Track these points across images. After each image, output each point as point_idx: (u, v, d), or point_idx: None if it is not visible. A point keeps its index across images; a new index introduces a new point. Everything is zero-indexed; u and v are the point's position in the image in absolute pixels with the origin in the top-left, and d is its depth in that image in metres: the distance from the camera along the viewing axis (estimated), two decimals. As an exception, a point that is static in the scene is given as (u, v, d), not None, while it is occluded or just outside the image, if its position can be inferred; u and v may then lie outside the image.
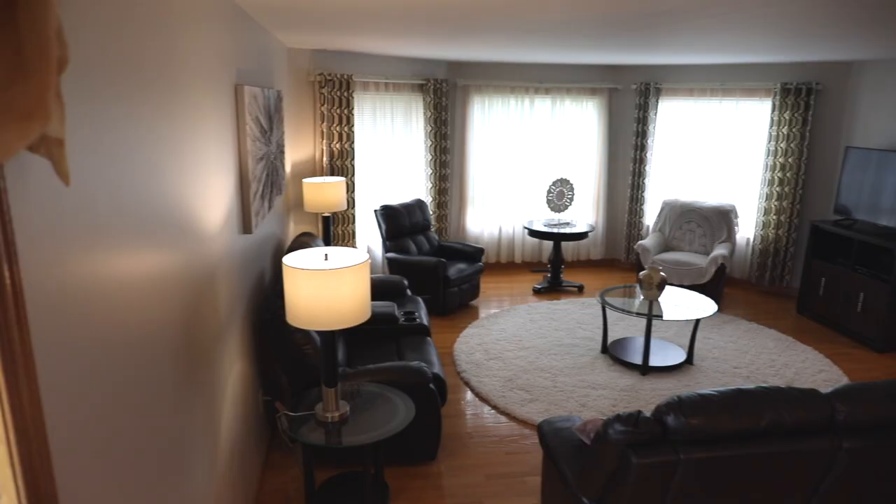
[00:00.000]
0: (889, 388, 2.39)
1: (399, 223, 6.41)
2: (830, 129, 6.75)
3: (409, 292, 5.38)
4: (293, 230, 6.02)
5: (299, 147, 6.11)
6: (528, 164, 7.81)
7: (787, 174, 6.83)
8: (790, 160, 6.80)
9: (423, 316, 4.81)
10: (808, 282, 6.42)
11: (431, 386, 3.61)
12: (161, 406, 1.78)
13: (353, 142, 6.21)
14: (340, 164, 6.21)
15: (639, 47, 5.17)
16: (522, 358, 5.28)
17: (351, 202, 6.35)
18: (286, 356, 3.36)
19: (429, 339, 4.51)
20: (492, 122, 7.65)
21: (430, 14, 3.40)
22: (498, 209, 7.88)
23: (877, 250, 5.79)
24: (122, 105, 1.48)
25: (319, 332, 2.86)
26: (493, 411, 4.49)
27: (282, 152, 4.60)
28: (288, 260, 2.66)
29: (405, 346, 4.33)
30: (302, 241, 4.35)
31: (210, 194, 2.44)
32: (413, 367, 3.58)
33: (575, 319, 6.20)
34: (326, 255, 2.75)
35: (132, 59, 1.56)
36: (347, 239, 6.39)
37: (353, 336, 4.45)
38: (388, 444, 3.64)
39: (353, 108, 6.12)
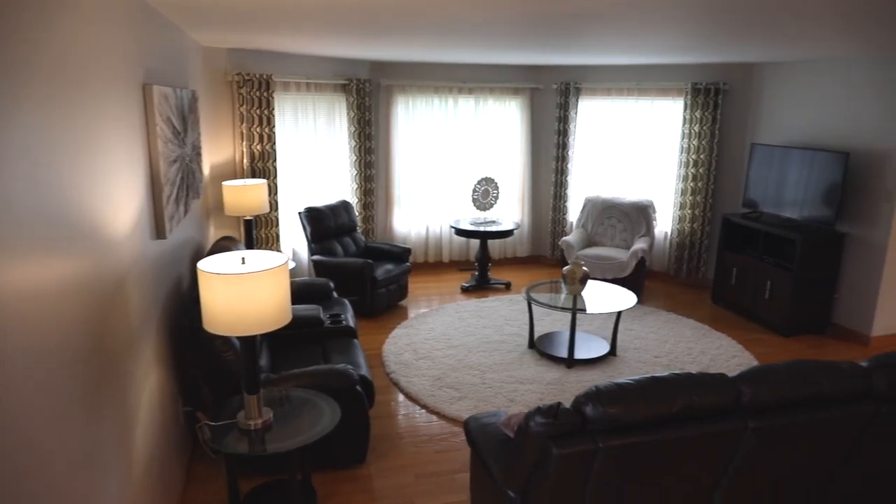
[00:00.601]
0: (789, 369, 2.54)
1: (324, 225, 6.32)
2: (737, 126, 7.11)
3: (335, 295, 5.31)
4: (213, 235, 5.85)
5: (218, 149, 5.94)
6: (454, 164, 7.86)
7: (700, 170, 7.15)
8: (702, 157, 7.12)
9: (349, 318, 4.76)
10: (721, 272, 6.74)
11: (358, 388, 3.58)
12: (68, 416, 1.69)
13: (274, 143, 6.08)
14: (262, 165, 6.07)
15: (558, 48, 5.29)
16: (451, 356, 5.31)
17: (274, 205, 6.22)
18: (206, 364, 3.26)
19: (355, 341, 4.47)
20: (416, 121, 7.66)
21: (348, 14, 3.37)
22: (424, 209, 7.90)
23: (781, 241, 6.13)
24: (8, 106, 1.40)
25: (239, 338, 2.79)
26: (422, 411, 4.49)
27: (198, 154, 4.45)
28: (203, 265, 2.58)
29: (331, 350, 4.28)
30: (222, 246, 4.23)
31: (116, 198, 2.33)
32: (339, 369, 3.53)
33: (503, 316, 6.28)
34: (244, 258, 2.68)
35: (19, 57, 1.47)
36: (271, 242, 6.26)
37: (276, 341, 4.36)
38: (315, 449, 3.58)
39: (273, 109, 5.99)
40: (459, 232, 7.13)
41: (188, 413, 3.66)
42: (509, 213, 8.22)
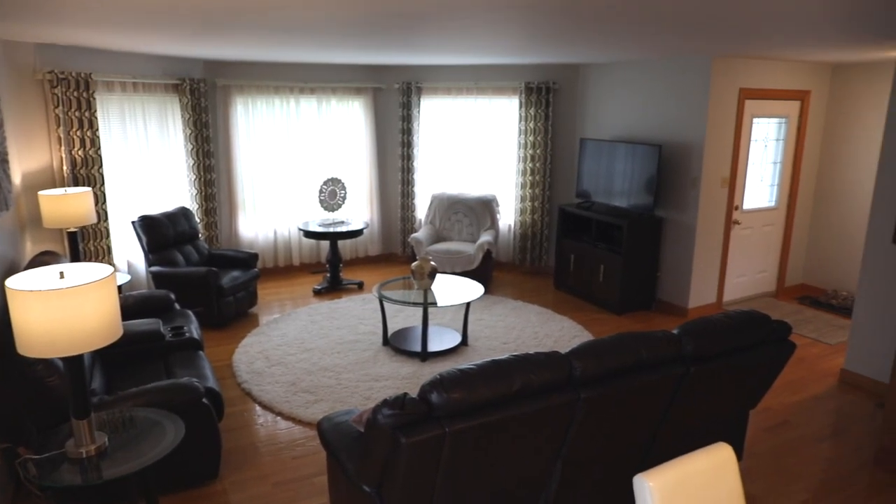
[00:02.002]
0: (613, 342, 2.79)
1: (162, 234, 5.95)
2: (567, 123, 7.63)
3: (177, 306, 5.03)
4: (31, 250, 5.29)
5: (31, 155, 5.38)
6: (299, 165, 7.72)
7: (537, 164, 7.59)
8: (538, 152, 7.56)
9: (193, 330, 4.53)
10: (561, 259, 7.20)
11: (205, 401, 3.43)
12: None
13: (99, 148, 5.62)
14: (86, 172, 5.58)
15: (395, 48, 5.37)
16: (305, 360, 5.23)
17: (103, 215, 5.75)
18: (26, 392, 2.96)
19: (201, 353, 4.27)
20: (257, 123, 7.42)
21: (169, 10, 3.20)
22: (271, 212, 7.69)
23: (611, 227, 6.68)
24: None
25: (63, 360, 2.57)
26: (278, 418, 4.39)
27: (5, 161, 4.02)
28: (11, 282, 2.34)
29: (175, 364, 4.05)
30: (41, 261, 3.86)
31: None
32: (182, 384, 3.36)
33: (356, 316, 6.28)
34: (62, 272, 2.47)
35: None
36: (102, 255, 5.78)
37: (112, 360, 4.05)
38: (162, 469, 3.38)
39: (95, 111, 5.53)
40: (308, 234, 7.02)
41: (4, 450, 3.31)
42: (358, 212, 8.22)
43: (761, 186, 6.77)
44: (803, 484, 3.70)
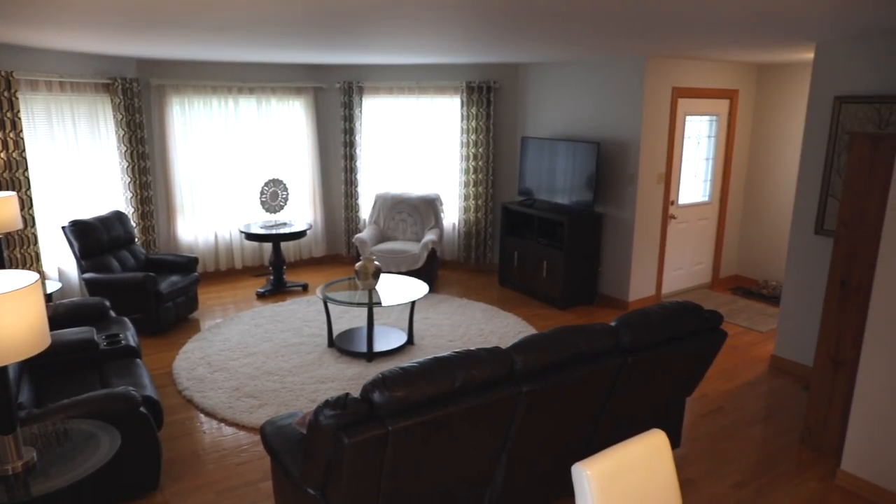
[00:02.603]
0: (553, 335, 2.85)
1: (95, 239, 5.74)
2: (509, 122, 7.72)
3: (112, 314, 4.87)
4: (-48, 259, 5.03)
5: (-50, 160, 5.11)
6: (239, 167, 7.57)
7: (479, 163, 7.65)
8: (480, 150, 7.62)
9: (130, 337, 4.39)
10: (505, 256, 7.29)
11: (143, 410, 3.33)
12: None
13: (23, 150, 5.38)
14: (9, 176, 5.34)
15: (336, 47, 5.33)
16: (249, 365, 5.13)
17: (30, 220, 5.51)
18: (-54, 408, 2.81)
19: (139, 361, 4.14)
20: (195, 124, 7.24)
21: (89, 8, 3.10)
22: (212, 215, 7.51)
23: (553, 224, 6.80)
24: None
25: (-14, 373, 2.45)
26: (220, 424, 4.30)
27: (-81, 166, 3.80)
28: (-73, 292, 2.23)
29: (111, 373, 3.92)
30: (-40, 271, 3.66)
31: None
32: (118, 393, 3.26)
33: (301, 318, 6.21)
34: (-17, 281, 2.36)
35: None
36: (29, 263, 5.54)
37: (41, 371, 3.89)
38: (98, 482, 3.27)
39: (18, 112, 5.30)
40: (250, 236, 6.89)
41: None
42: (301, 213, 8.12)
43: (695, 182, 7.02)
44: (736, 466, 3.86)
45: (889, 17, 3.37)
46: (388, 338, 5.59)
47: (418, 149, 7.98)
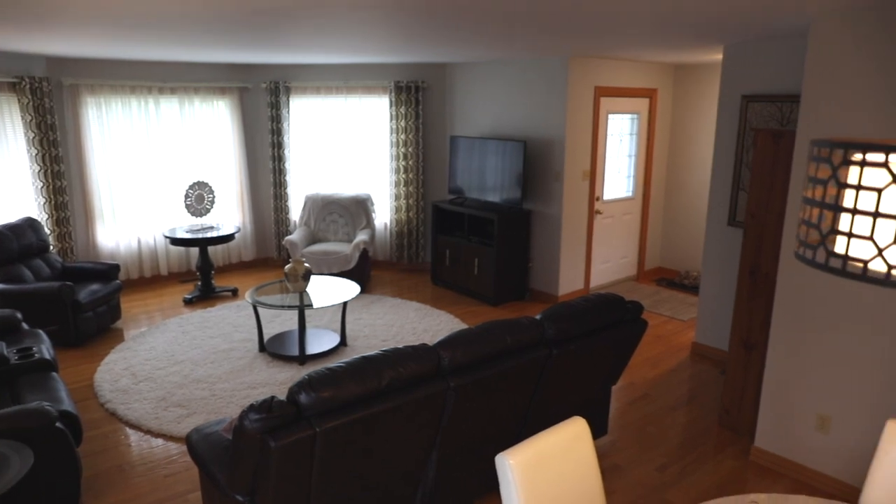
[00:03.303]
0: (479, 331, 2.90)
1: (4, 248, 5.45)
2: (438, 121, 7.78)
3: (25, 326, 4.63)
4: None
5: None
6: (162, 170, 7.32)
7: (409, 162, 7.68)
8: (410, 150, 7.65)
9: (45, 350, 4.19)
10: (437, 255, 7.34)
11: (59, 425, 3.19)
12: None
13: (-79, 156, 5.05)
14: None
15: (260, 46, 5.24)
16: (177, 373, 4.99)
17: (-70, 230, 5.18)
18: None
19: (55, 374, 3.96)
20: (113, 125, 6.95)
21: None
22: (134, 220, 7.24)
23: (484, 222, 6.89)
24: None
25: None
26: (146, 436, 4.17)
27: None
28: None
29: (23, 389, 3.73)
30: None
31: None
32: (30, 409, 3.11)
33: (231, 324, 6.07)
34: None
35: None
36: (-68, 275, 5.21)
37: (-52, 390, 3.67)
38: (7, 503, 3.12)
39: (-85, 115, 4.97)
40: (175, 241, 6.68)
41: None
42: (229, 216, 7.93)
43: (619, 178, 7.25)
44: (662, 449, 4.02)
45: (788, 22, 3.59)
46: (320, 340, 5.54)
47: (348, 149, 7.93)
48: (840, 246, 1.22)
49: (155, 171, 7.27)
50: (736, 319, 4.12)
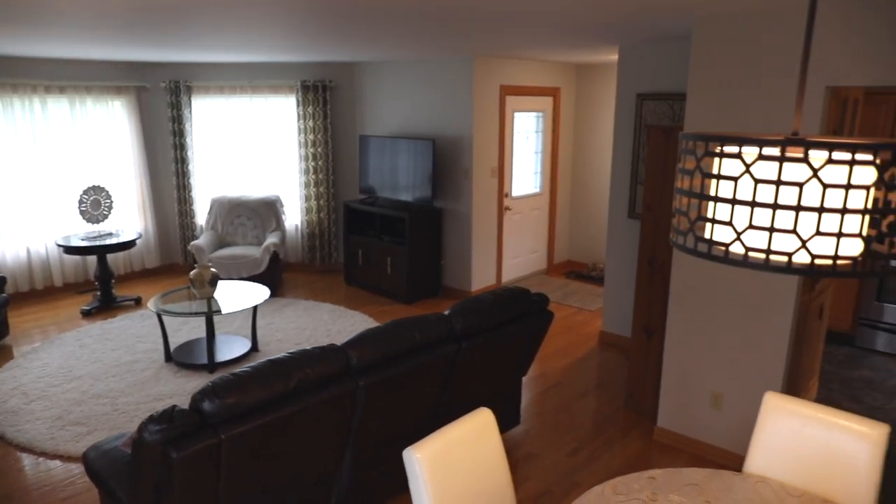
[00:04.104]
0: (388, 328, 2.91)
1: None
2: (347, 120, 7.72)
3: None
4: None
5: None
6: (53, 175, 6.88)
7: (319, 162, 7.58)
8: (319, 150, 7.55)
9: (-79, 371, 3.87)
10: (350, 255, 7.29)
11: (-62, 451, 2.96)
12: None
13: None
14: None
15: (155, 43, 5.03)
16: (74, 389, 4.72)
17: None
18: None
19: (-67, 397, 3.66)
20: (-6, 128, 6.48)
21: None
22: (22, 228, 6.77)
23: (395, 221, 6.90)
24: None
25: None
26: (41, 459, 3.92)
27: None
28: None
29: None
30: None
31: None
32: None
33: (134, 334, 5.80)
34: None
35: None
36: None
37: None
38: None
39: None
40: (70, 250, 6.30)
41: None
42: (129, 222, 7.56)
43: (527, 175, 7.44)
44: (573, 435, 4.17)
45: (674, 25, 3.80)
46: (230, 347, 5.39)
47: (255, 150, 7.73)
48: (706, 232, 1.32)
49: (44, 176, 6.82)
50: (637, 307, 4.33)
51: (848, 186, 1.14)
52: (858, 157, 1.13)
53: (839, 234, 1.16)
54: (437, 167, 6.80)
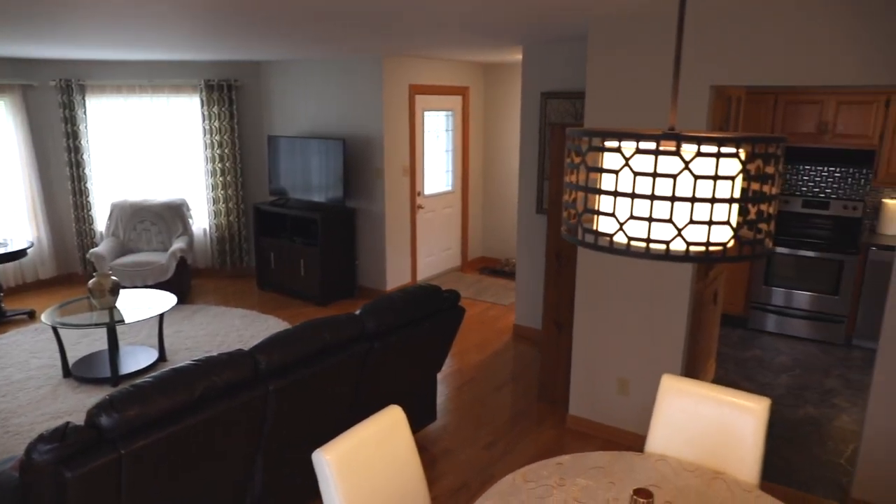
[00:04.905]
0: (297, 331, 2.87)
1: None
2: (254, 120, 7.53)
3: None
4: None
5: None
6: (-72, 181, 6.35)
7: (227, 164, 7.35)
8: (226, 151, 7.32)
9: None
10: (262, 258, 7.11)
11: None
12: None
13: None
14: None
15: (33, 37, 4.73)
16: (-41, 412, 4.38)
17: None
18: None
19: None
20: None
21: None
22: None
23: (307, 222, 6.79)
24: None
25: None
26: (-79, 488, 3.61)
27: None
28: None
29: None
30: None
31: None
32: None
33: (27, 350, 5.44)
34: None
35: None
36: None
37: None
38: None
39: None
40: (-50, 262, 5.84)
41: None
42: (19, 230, 7.07)
43: (439, 173, 7.50)
44: (489, 428, 4.25)
45: (573, 26, 3.94)
46: (136, 358, 5.15)
47: (158, 152, 7.41)
48: (594, 224, 1.39)
49: (-82, 184, 6.28)
50: (546, 301, 4.45)
51: (716, 177, 1.23)
52: (724, 150, 1.22)
53: (710, 222, 1.25)
54: (349, 167, 6.76)
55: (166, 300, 5.13)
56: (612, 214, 1.31)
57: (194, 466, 2.50)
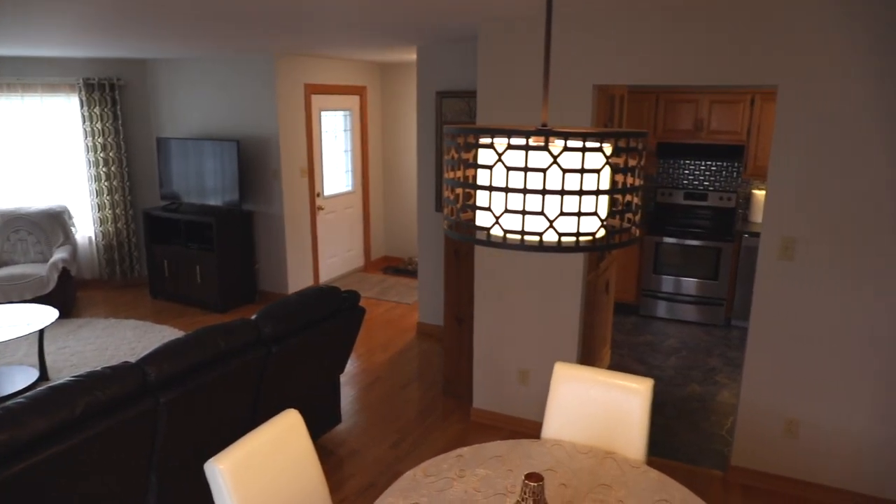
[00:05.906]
0: (189, 339, 2.77)
1: None
2: (140, 121, 7.16)
3: None
4: None
5: None
6: None
7: (112, 168, 6.95)
8: (111, 154, 6.92)
9: None
10: (154, 266, 6.78)
11: None
12: None
13: None
14: None
15: None
16: None
17: None
18: None
19: None
20: None
21: None
22: None
23: (202, 226, 6.53)
24: None
25: None
26: None
27: None
28: None
29: None
30: None
31: None
32: None
33: None
34: None
35: None
36: None
37: None
38: None
39: None
40: None
41: None
42: None
43: (338, 173, 7.43)
44: (395, 426, 4.26)
45: (463, 26, 4.01)
46: (12, 379, 4.78)
47: (33, 156, 6.88)
48: (475, 219, 1.43)
49: None
50: (447, 297, 4.52)
51: (582, 171, 1.30)
52: (589, 144, 1.29)
53: (579, 213, 1.32)
54: (244, 169, 6.56)
55: (46, 315, 4.79)
56: (489, 209, 1.36)
57: (79, 489, 2.36)
